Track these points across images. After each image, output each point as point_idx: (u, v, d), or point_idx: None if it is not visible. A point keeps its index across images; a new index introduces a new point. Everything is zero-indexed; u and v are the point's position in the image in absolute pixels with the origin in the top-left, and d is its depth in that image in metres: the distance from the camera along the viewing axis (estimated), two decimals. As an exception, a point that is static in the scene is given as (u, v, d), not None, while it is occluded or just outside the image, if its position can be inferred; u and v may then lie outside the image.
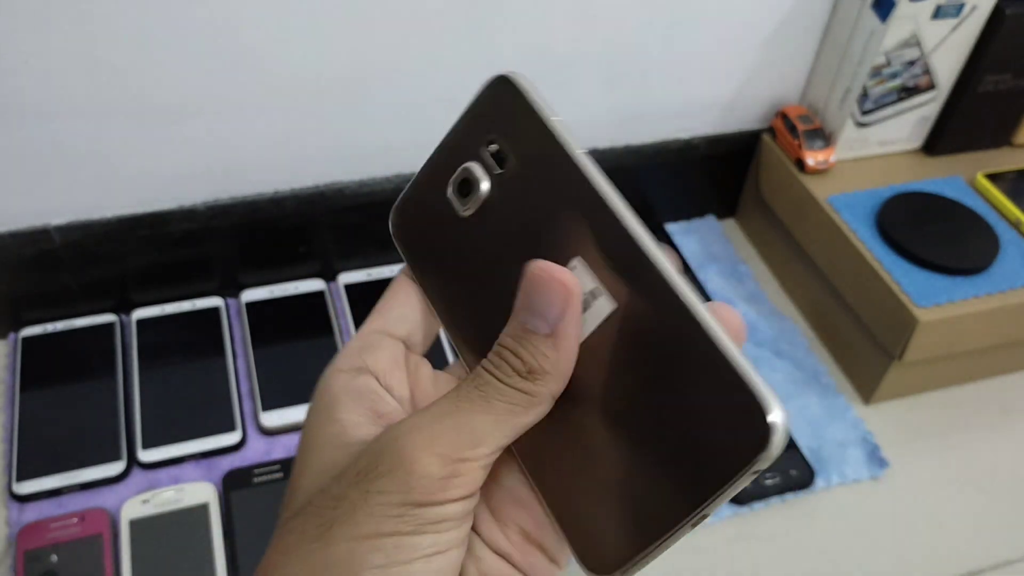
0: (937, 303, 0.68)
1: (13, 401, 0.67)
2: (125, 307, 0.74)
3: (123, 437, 0.65)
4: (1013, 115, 0.82)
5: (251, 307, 0.75)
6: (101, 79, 0.62)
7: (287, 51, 0.65)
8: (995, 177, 0.79)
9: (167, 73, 0.63)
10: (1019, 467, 0.71)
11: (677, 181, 0.87)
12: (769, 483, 0.66)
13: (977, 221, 0.74)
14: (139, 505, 0.61)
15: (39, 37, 0.59)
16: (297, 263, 0.78)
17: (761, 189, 0.86)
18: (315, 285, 0.77)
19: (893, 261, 0.71)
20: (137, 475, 0.64)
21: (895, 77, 0.76)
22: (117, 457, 0.64)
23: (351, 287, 0.78)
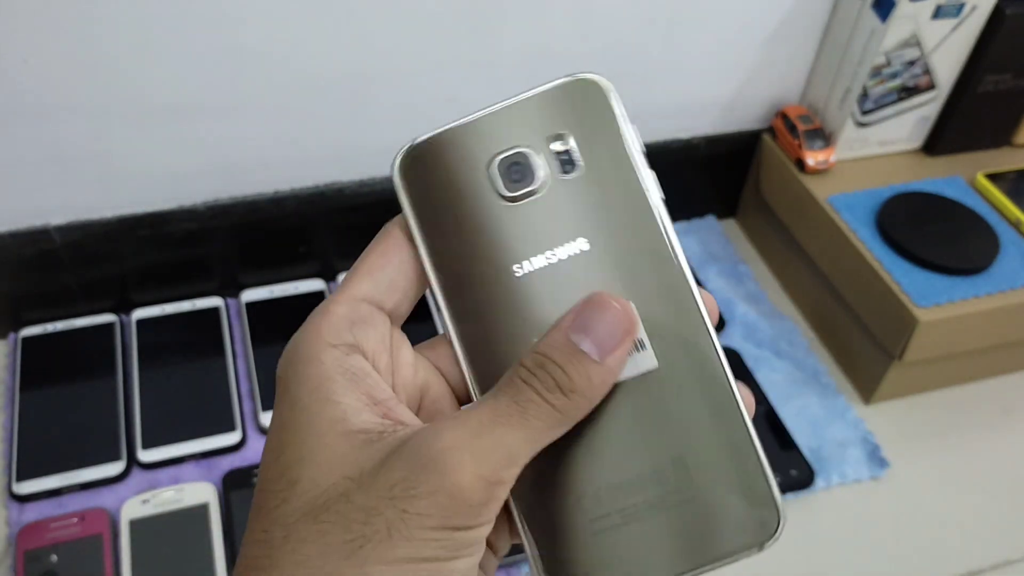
0: (937, 303, 0.68)
1: (13, 401, 0.67)
2: (125, 307, 0.74)
3: (123, 437, 0.65)
4: (1013, 115, 0.82)
5: (251, 307, 0.75)
6: (101, 79, 0.62)
7: (287, 51, 0.65)
8: (995, 177, 0.79)
9: (167, 73, 0.63)
10: (1019, 467, 0.71)
11: (677, 181, 0.87)
12: (769, 483, 0.66)
13: (977, 221, 0.74)
14: (139, 505, 0.61)
15: (39, 37, 0.59)
16: (297, 263, 0.78)
17: (761, 189, 0.86)
18: (315, 285, 0.77)
19: (893, 261, 0.71)
20: (137, 475, 0.64)
21: (895, 77, 0.76)
22: (117, 457, 0.64)
23: (351, 287, 0.78)
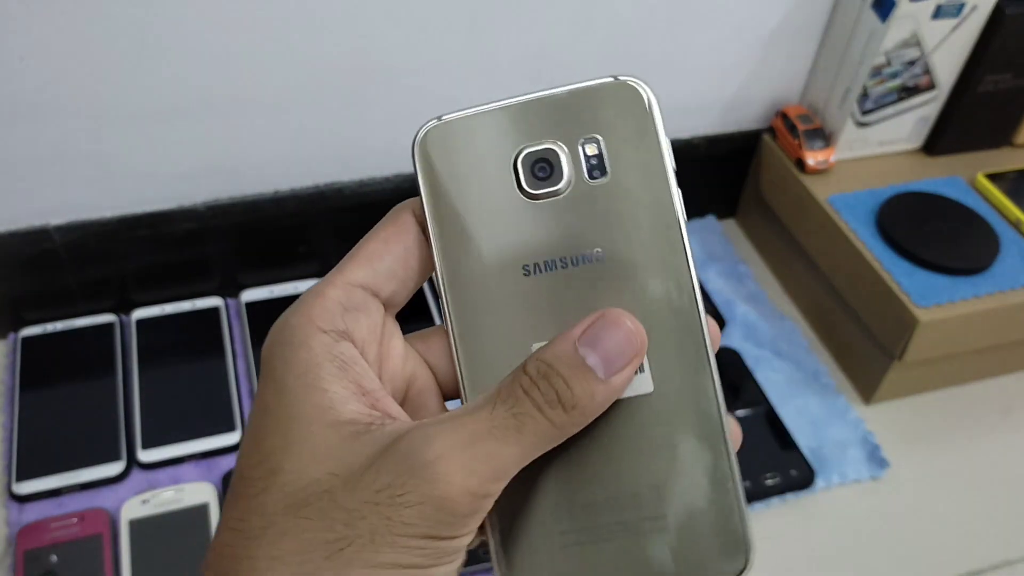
0: (937, 303, 0.68)
1: (13, 401, 0.67)
2: (125, 307, 0.74)
3: (123, 437, 0.65)
4: (1013, 115, 0.82)
5: (251, 307, 0.75)
6: (101, 79, 0.62)
7: (287, 51, 0.65)
8: (995, 177, 0.79)
9: (167, 73, 0.63)
10: (1019, 467, 0.71)
11: (677, 181, 0.87)
12: (769, 483, 0.66)
13: (977, 221, 0.74)
14: (139, 505, 0.61)
15: (39, 37, 0.59)
16: (297, 263, 0.78)
17: (761, 189, 0.86)
18: (315, 285, 0.77)
19: (893, 261, 0.71)
20: (137, 475, 0.64)
21: (895, 77, 0.76)
22: (117, 457, 0.64)
23: (351, 287, 0.78)
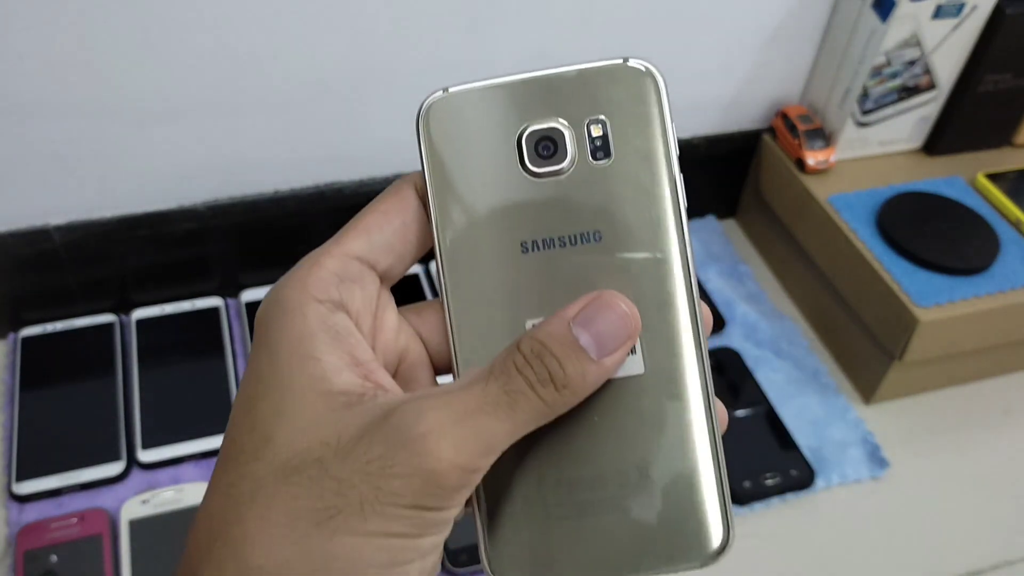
0: (937, 303, 0.68)
1: (13, 401, 0.67)
2: (125, 307, 0.74)
3: (123, 437, 0.65)
4: (1013, 115, 0.82)
5: (251, 307, 0.75)
6: (101, 79, 0.62)
7: (287, 51, 0.65)
8: (995, 177, 0.79)
9: (167, 73, 0.63)
10: (1019, 467, 0.71)
11: (677, 181, 0.87)
12: (769, 483, 0.66)
13: (977, 221, 0.74)
14: (139, 505, 0.61)
15: (39, 37, 0.59)
16: (297, 263, 0.78)
17: (761, 189, 0.86)
18: (315, 285, 0.77)
19: (893, 261, 0.71)
20: (137, 475, 0.64)
21: (895, 77, 0.76)
22: (117, 457, 0.64)
23: (351, 287, 0.78)
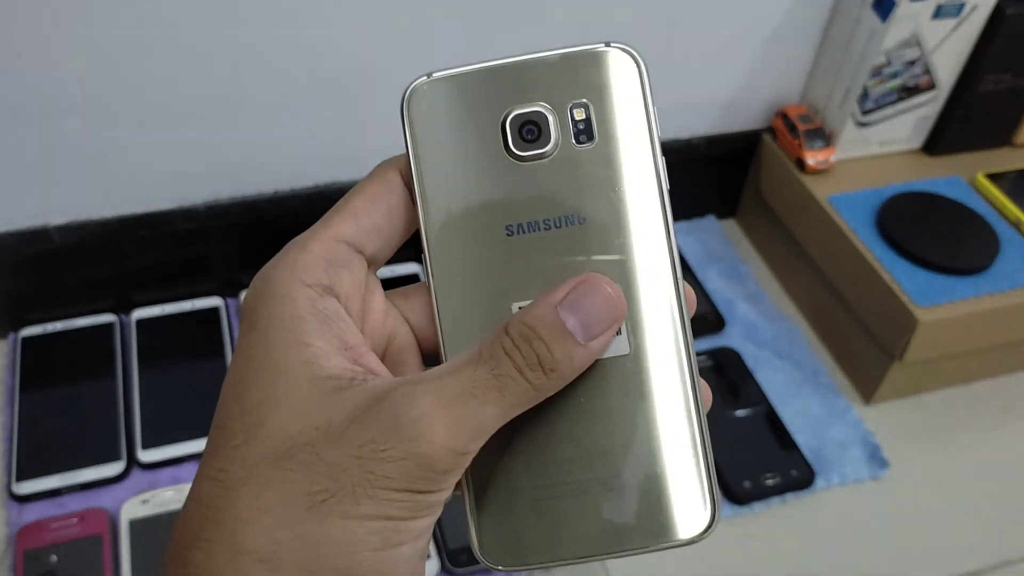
0: (937, 303, 0.68)
1: (13, 401, 0.67)
2: (125, 307, 0.74)
3: (123, 437, 0.65)
4: (1013, 115, 0.82)
5: (251, 307, 0.75)
6: (101, 79, 0.62)
7: (287, 51, 0.65)
8: (995, 177, 0.79)
9: (167, 73, 0.63)
10: (1019, 467, 0.71)
11: (677, 181, 0.87)
12: (769, 483, 0.66)
13: (977, 221, 0.74)
14: (139, 505, 0.61)
15: (39, 37, 0.59)
16: (297, 263, 0.78)
17: (761, 189, 0.86)
18: (315, 285, 0.77)
19: (893, 261, 0.71)
20: (137, 475, 0.64)
21: (895, 77, 0.76)
22: (117, 457, 0.64)
23: (351, 287, 0.78)
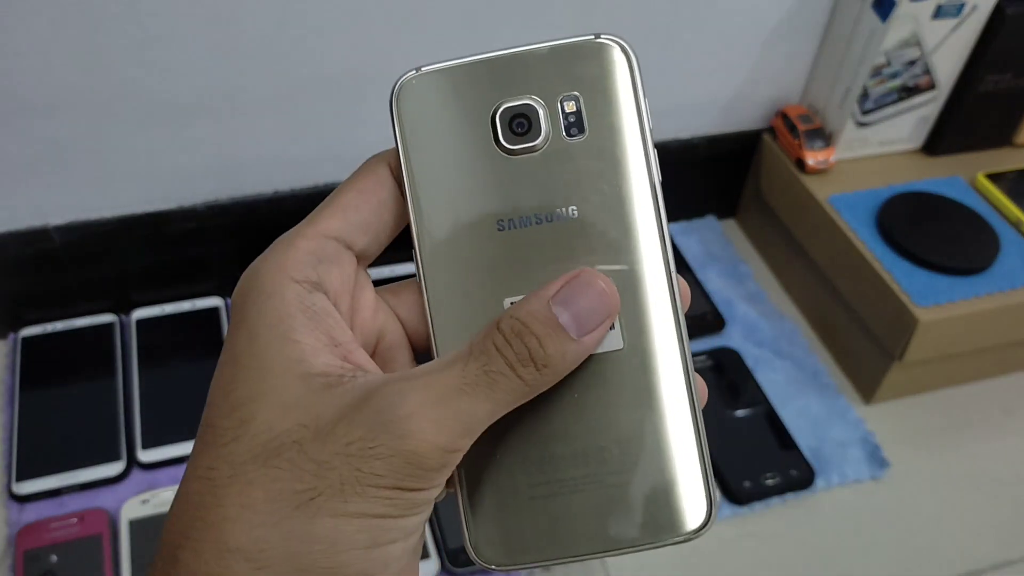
0: (937, 303, 0.68)
1: (13, 401, 0.67)
2: (125, 307, 0.74)
3: (123, 437, 0.65)
4: (1013, 115, 0.82)
5: (251, 307, 0.75)
6: (101, 79, 0.62)
7: (287, 51, 0.65)
8: (995, 177, 0.79)
9: (167, 73, 0.63)
10: (1019, 467, 0.71)
11: (677, 181, 0.87)
12: (769, 483, 0.66)
13: (977, 221, 0.74)
14: (139, 505, 0.61)
15: (39, 37, 0.59)
16: (297, 263, 0.78)
17: (761, 189, 0.86)
18: (315, 285, 0.77)
19: (893, 261, 0.71)
20: (137, 475, 0.64)
21: (895, 77, 0.76)
22: (117, 457, 0.64)
23: (351, 287, 0.78)
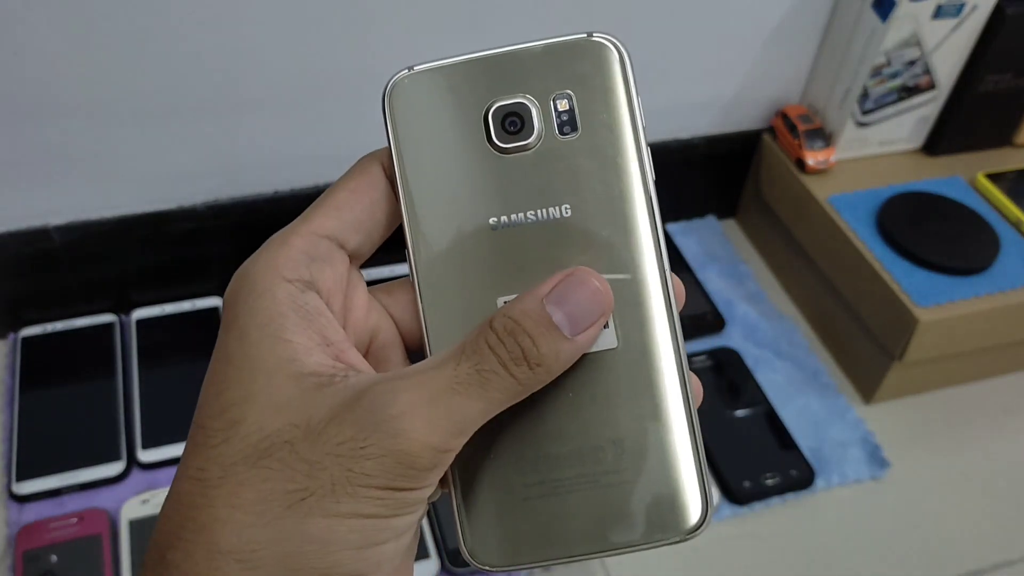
0: (937, 303, 0.68)
1: (13, 401, 0.67)
2: (125, 307, 0.74)
3: (123, 437, 0.65)
4: (1013, 115, 0.82)
5: (251, 307, 0.75)
6: (101, 79, 0.62)
7: (287, 51, 0.65)
8: (995, 177, 0.79)
9: (167, 73, 0.63)
10: (1019, 467, 0.71)
11: (677, 181, 0.87)
12: (769, 483, 0.66)
13: (977, 221, 0.74)
14: (139, 505, 0.61)
15: (39, 37, 0.59)
16: (297, 263, 0.78)
17: (761, 189, 0.86)
18: (315, 285, 0.77)
19: (893, 261, 0.71)
20: (137, 475, 0.64)
21: (895, 77, 0.76)
22: (117, 457, 0.64)
23: (351, 287, 0.78)
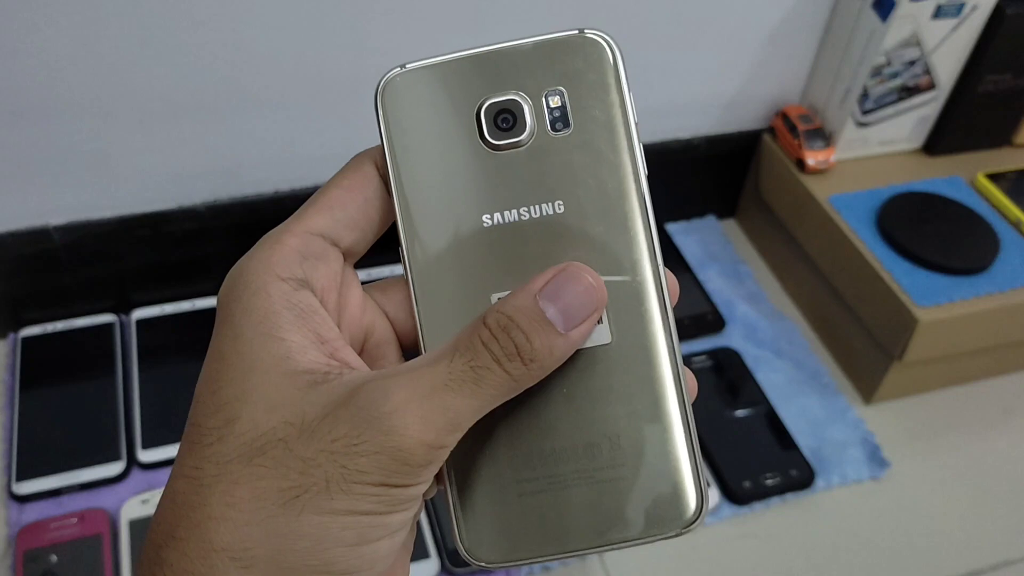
0: (937, 303, 0.68)
1: (13, 401, 0.67)
2: (125, 307, 0.74)
3: (123, 437, 0.65)
4: (1013, 115, 0.82)
5: (251, 307, 0.75)
6: (101, 79, 0.62)
7: (287, 51, 0.65)
8: (995, 177, 0.79)
9: (167, 73, 0.63)
10: (1019, 467, 0.71)
11: (677, 181, 0.87)
12: (769, 483, 0.66)
13: (977, 221, 0.74)
14: (139, 505, 0.61)
15: (39, 37, 0.59)
16: (297, 263, 0.78)
17: (761, 189, 0.86)
18: (315, 285, 0.77)
19: (893, 261, 0.71)
20: (137, 475, 0.64)
21: (895, 77, 0.76)
22: (117, 457, 0.64)
23: (351, 287, 0.78)
